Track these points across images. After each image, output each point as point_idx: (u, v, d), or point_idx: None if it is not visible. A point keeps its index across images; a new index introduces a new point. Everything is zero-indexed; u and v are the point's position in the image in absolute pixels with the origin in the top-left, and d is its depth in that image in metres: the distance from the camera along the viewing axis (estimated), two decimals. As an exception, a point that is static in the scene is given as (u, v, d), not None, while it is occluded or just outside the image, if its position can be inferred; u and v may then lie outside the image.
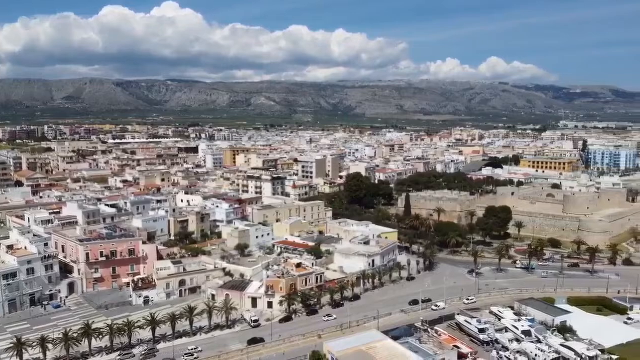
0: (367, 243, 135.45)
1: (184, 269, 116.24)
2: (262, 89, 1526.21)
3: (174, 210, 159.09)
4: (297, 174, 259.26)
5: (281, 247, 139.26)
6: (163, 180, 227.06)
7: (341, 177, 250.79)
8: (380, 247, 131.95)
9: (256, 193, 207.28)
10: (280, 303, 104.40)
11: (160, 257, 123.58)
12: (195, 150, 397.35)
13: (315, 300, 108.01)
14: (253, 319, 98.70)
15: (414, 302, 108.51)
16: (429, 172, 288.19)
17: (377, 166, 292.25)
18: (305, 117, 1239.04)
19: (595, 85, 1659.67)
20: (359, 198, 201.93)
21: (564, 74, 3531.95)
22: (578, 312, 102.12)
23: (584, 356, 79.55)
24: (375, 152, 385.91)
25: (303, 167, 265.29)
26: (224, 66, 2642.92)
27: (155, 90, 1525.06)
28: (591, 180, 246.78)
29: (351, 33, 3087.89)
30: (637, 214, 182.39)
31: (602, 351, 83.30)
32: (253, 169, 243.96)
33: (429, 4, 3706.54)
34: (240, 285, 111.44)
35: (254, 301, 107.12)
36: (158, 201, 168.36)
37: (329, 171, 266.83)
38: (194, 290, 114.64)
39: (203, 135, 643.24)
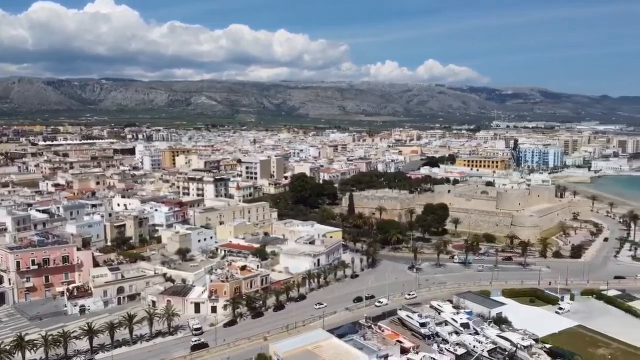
0: (312, 243, 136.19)
1: (122, 276, 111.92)
2: (203, 88, 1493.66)
3: (110, 215, 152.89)
4: (240, 175, 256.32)
5: (225, 250, 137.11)
6: (98, 183, 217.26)
7: (286, 178, 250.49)
8: (325, 246, 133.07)
9: (198, 195, 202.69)
10: (225, 307, 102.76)
11: (96, 264, 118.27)
12: (131, 151, 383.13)
13: (261, 302, 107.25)
14: (195, 326, 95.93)
15: (358, 299, 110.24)
16: (371, 171, 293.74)
17: (322, 166, 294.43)
18: (248, 117, 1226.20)
19: (525, 86, 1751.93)
20: (304, 198, 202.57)
21: (495, 76, 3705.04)
22: (512, 304, 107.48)
23: (519, 346, 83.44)
24: (319, 153, 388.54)
25: (247, 167, 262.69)
26: (162, 64, 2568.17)
27: (88, 90, 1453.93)
28: (522, 178, 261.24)
29: (293, 34, 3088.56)
30: (565, 209, 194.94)
31: (536, 340, 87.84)
32: (194, 170, 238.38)
33: (368, 7, 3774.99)
34: (182, 290, 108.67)
35: (197, 306, 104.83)
36: (93, 205, 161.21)
37: (273, 172, 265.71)
38: (133, 297, 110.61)
39: (140, 136, 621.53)
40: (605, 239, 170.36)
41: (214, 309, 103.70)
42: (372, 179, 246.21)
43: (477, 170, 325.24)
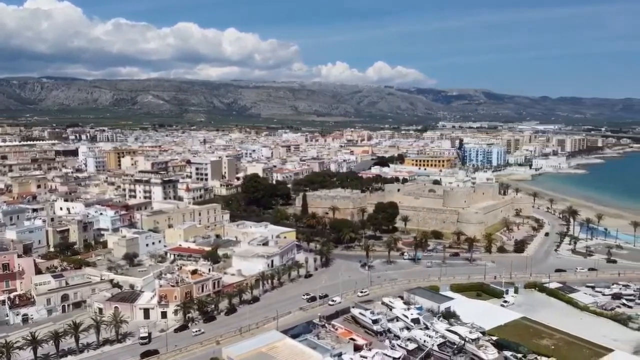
0: (266, 244, 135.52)
1: (66, 283, 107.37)
2: (150, 87, 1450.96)
3: (52, 220, 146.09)
4: (190, 176, 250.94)
5: (174, 254, 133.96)
6: (39, 186, 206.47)
7: (238, 179, 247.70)
8: (279, 247, 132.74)
9: (145, 198, 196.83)
10: (175, 312, 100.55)
11: (38, 271, 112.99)
12: (74, 152, 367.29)
13: (213, 306, 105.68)
14: (141, 335, 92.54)
15: (312, 299, 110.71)
16: (324, 171, 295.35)
17: (274, 167, 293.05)
18: (197, 116, 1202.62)
19: (470, 88, 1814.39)
20: (257, 199, 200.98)
21: (442, 78, 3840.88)
22: (460, 298, 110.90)
23: (467, 339, 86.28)
24: (272, 153, 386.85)
25: (197, 168, 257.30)
26: (107, 63, 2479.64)
27: (28, 89, 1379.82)
28: (467, 176, 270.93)
29: (243, 33, 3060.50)
30: (508, 205, 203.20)
31: (483, 333, 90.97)
32: (141, 172, 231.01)
33: (317, 7, 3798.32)
34: (130, 296, 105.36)
35: (146, 312, 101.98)
36: (34, 210, 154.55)
37: (225, 172, 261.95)
38: (78, 304, 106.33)
39: (83, 137, 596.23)
40: (546, 234, 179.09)
41: (164, 315, 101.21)
42: (325, 179, 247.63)
43: (425, 169, 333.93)
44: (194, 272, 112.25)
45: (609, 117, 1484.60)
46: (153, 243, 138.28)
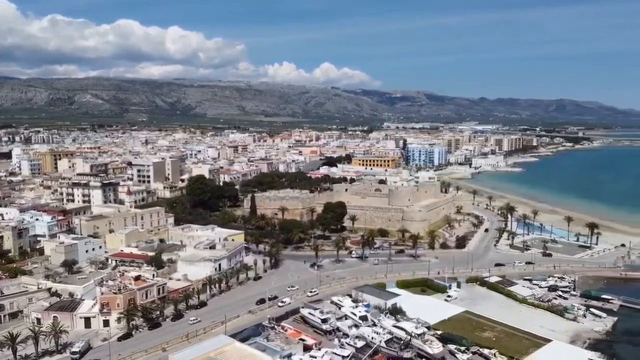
0: (213, 247, 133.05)
1: (1, 292, 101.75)
2: (88, 86, 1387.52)
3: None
4: (131, 179, 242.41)
5: (116, 260, 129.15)
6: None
7: (183, 180, 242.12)
8: (226, 250, 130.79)
9: (84, 202, 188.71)
10: (118, 320, 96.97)
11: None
12: (7, 155, 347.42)
13: (158, 312, 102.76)
14: (73, 350, 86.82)
15: (261, 301, 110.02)
16: (273, 172, 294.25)
17: (221, 167, 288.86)
18: (139, 116, 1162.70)
19: (412, 90, 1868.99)
20: (203, 201, 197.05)
21: (386, 80, 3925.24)
22: (406, 294, 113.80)
23: (413, 334, 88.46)
24: (218, 153, 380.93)
25: (138, 170, 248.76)
26: (42, 61, 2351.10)
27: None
28: (411, 175, 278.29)
29: (187, 31, 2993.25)
30: (449, 203, 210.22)
31: (428, 328, 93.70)
32: (79, 174, 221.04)
33: (264, 7, 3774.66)
34: (69, 305, 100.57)
35: (87, 321, 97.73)
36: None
37: (168, 174, 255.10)
38: (14, 315, 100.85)
39: (17, 138, 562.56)
40: (486, 230, 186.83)
41: (106, 323, 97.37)
42: (274, 180, 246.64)
43: (371, 169, 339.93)
44: (137, 278, 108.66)
45: (543, 117, 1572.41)
46: (93, 249, 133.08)
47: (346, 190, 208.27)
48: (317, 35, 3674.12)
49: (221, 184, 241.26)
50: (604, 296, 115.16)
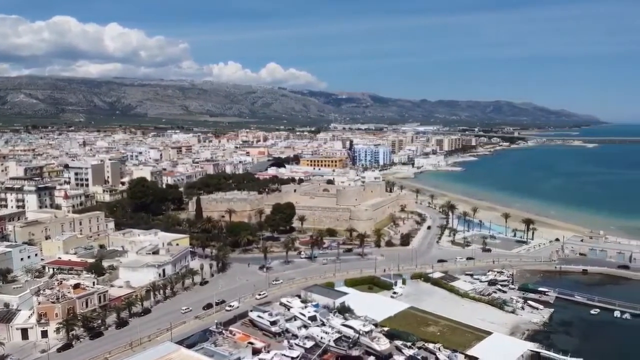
0: (156, 252, 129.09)
1: None
2: (21, 85, 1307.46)
3: None
4: (69, 182, 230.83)
5: (54, 268, 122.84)
6: None
7: (123, 183, 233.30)
8: (171, 255, 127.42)
9: (18, 207, 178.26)
10: (57, 330, 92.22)
11: None
12: None
13: (99, 321, 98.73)
14: None
15: (209, 306, 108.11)
16: (219, 173, 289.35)
17: (164, 169, 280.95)
18: (76, 116, 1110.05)
19: (358, 92, 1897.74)
20: (145, 205, 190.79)
21: (332, 82, 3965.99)
22: (354, 292, 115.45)
23: (361, 332, 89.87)
24: (161, 155, 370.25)
25: (76, 173, 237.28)
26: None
27: None
28: (357, 175, 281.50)
29: (127, 28, 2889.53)
30: (394, 202, 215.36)
31: (375, 325, 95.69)
32: (12, 178, 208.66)
33: (208, 5, 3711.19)
34: (5, 316, 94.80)
35: (24, 332, 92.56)
36: None
37: (108, 177, 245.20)
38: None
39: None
40: (429, 227, 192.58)
41: (44, 334, 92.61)
42: (221, 181, 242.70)
43: (319, 169, 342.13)
44: (77, 286, 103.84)
45: (481, 118, 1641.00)
46: (29, 257, 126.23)
47: (295, 190, 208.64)
48: (263, 34, 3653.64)
49: (164, 186, 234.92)
50: (540, 289, 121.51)
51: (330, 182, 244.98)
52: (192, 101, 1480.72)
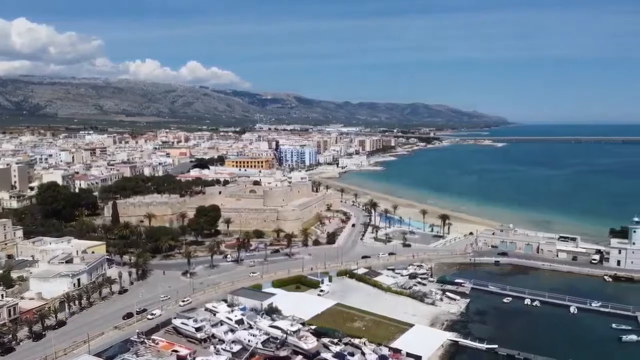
0: (70, 261, 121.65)
1: None
2: None
3: None
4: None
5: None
6: None
7: (32, 188, 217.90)
8: (86, 263, 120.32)
9: None
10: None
11: None
12: None
13: (10, 336, 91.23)
14: None
15: (129, 315, 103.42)
16: (137, 176, 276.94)
17: (77, 173, 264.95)
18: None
19: (282, 92, 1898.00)
20: (57, 211, 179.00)
21: (256, 82, 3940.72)
22: (281, 293, 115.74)
23: (289, 332, 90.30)
24: (73, 157, 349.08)
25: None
26: None
27: None
28: (284, 176, 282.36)
29: (35, 24, 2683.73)
30: (320, 201, 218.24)
31: (303, 324, 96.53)
32: None
33: (123, 0, 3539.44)
34: None
35: None
36: None
37: (15, 182, 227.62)
38: None
39: None
40: (353, 225, 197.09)
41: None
42: (139, 184, 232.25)
43: (245, 170, 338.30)
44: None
45: (399, 119, 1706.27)
46: None
47: (220, 192, 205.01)
48: (182, 32, 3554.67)
49: (77, 191, 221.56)
50: (457, 280, 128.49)
51: (256, 183, 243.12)
52: (106, 100, 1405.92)
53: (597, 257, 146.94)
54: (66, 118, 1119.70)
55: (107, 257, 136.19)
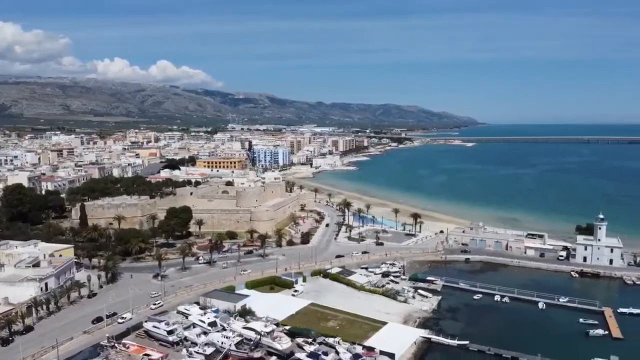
0: (37, 265, 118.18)
1: None
2: None
3: None
4: None
5: None
6: None
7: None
8: (53, 267, 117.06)
9: None
10: None
11: None
12: None
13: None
14: None
15: (98, 320, 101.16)
16: (106, 177, 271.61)
17: (43, 174, 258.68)
18: None
19: (255, 92, 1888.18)
20: (22, 213, 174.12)
21: (228, 81, 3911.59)
22: (255, 294, 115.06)
23: (262, 333, 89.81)
24: (39, 159, 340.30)
25: None
26: None
27: None
28: (257, 176, 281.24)
29: (1, 22, 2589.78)
30: (294, 201, 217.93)
31: (277, 324, 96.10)
32: None
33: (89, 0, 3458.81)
34: None
35: None
36: None
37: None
38: None
39: None
40: (327, 225, 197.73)
41: None
42: (108, 186, 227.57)
43: (218, 170, 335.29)
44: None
45: (372, 120, 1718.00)
46: None
47: (191, 193, 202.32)
48: (151, 30, 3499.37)
49: (43, 193, 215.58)
50: (429, 278, 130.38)
51: (229, 183, 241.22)
52: (74, 100, 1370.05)
53: (564, 253, 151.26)
54: (32, 118, 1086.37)
55: (76, 260, 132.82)
